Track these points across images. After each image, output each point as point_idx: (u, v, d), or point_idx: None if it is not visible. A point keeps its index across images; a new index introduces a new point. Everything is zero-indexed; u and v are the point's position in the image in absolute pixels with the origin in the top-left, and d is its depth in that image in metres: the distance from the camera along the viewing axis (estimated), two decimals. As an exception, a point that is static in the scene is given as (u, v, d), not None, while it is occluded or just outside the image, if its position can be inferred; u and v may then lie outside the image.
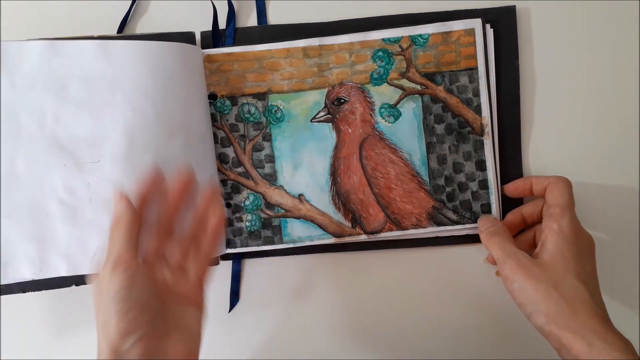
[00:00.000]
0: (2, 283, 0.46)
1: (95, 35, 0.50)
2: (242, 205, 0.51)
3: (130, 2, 0.52)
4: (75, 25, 0.52)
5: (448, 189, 0.52)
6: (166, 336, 0.39)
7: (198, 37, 0.52)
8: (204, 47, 0.52)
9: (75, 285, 0.49)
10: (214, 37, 0.52)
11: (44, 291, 0.50)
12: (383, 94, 0.51)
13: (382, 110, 0.51)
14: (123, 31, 0.52)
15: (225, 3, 0.52)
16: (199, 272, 0.43)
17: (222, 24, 0.52)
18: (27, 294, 0.50)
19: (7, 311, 0.53)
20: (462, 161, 0.52)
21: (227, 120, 0.51)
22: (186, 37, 0.51)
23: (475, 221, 0.51)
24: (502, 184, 0.52)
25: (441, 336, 0.53)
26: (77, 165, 0.45)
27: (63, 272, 0.46)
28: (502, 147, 0.52)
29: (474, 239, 0.52)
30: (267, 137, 0.51)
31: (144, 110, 0.46)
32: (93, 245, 0.46)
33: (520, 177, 0.52)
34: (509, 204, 0.52)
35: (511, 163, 0.52)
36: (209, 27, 0.52)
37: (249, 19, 0.53)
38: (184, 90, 0.47)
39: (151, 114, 0.46)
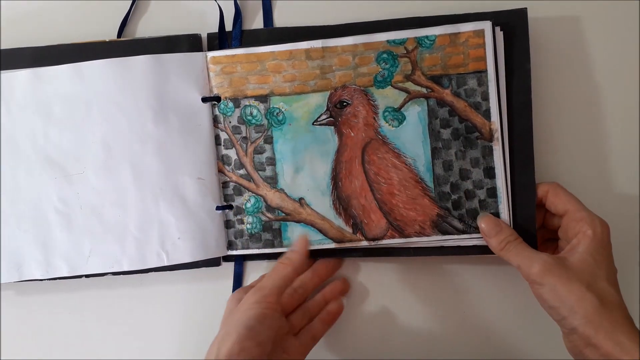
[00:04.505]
0: (18, 281, 0.51)
1: (105, 39, 0.51)
2: (244, 207, 0.51)
3: (130, 3, 0.53)
4: (76, 25, 0.53)
5: (454, 197, 0.49)
6: None
7: (205, 39, 0.52)
8: (211, 48, 0.52)
9: (86, 277, 0.52)
10: (220, 39, 0.52)
11: (44, 293, 0.54)
12: (387, 97, 0.50)
13: (386, 113, 0.50)
14: (123, 32, 0.53)
15: (232, 4, 0.52)
16: (305, 343, 0.49)
17: (229, 27, 0.52)
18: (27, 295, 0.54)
19: (7, 311, 0.54)
20: (469, 168, 0.49)
21: (230, 122, 0.51)
22: (192, 39, 0.51)
23: (483, 231, 0.49)
24: (512, 193, 0.49)
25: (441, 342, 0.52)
26: (66, 177, 0.50)
27: (65, 272, 0.51)
28: (513, 154, 0.49)
29: (482, 250, 0.50)
30: (269, 140, 0.51)
31: (117, 122, 0.50)
32: (87, 248, 0.51)
33: (533, 185, 0.49)
34: (520, 213, 0.49)
35: (523, 171, 0.49)
36: (216, 28, 0.52)
37: (255, 21, 0.53)
38: (155, 99, 0.50)
39: (124, 125, 0.50)
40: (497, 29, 0.48)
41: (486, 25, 0.48)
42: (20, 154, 0.50)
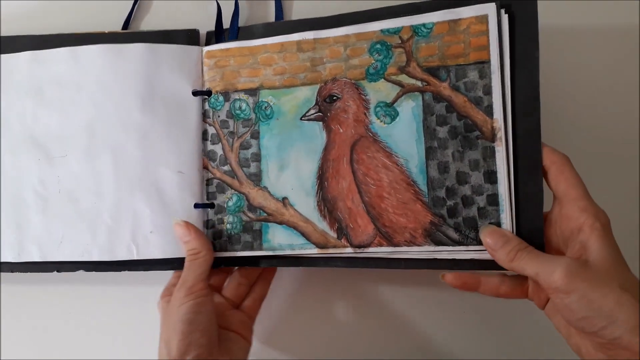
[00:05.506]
0: None
1: (105, 31, 0.51)
2: (225, 206, 0.48)
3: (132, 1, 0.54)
4: (79, 23, 0.54)
5: (449, 203, 0.44)
6: (217, 358, 0.43)
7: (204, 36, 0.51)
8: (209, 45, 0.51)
9: (57, 272, 0.49)
10: (217, 35, 0.51)
11: (43, 290, 0.54)
12: (379, 91, 0.46)
13: (378, 109, 0.46)
14: (128, 28, 0.54)
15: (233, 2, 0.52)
16: (249, 311, 0.49)
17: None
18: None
19: (7, 309, 0.54)
20: (467, 171, 0.43)
21: (219, 116, 0.49)
22: (189, 34, 0.51)
23: (481, 243, 0.42)
24: (517, 200, 0.42)
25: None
26: (48, 160, 0.50)
27: (36, 257, 0.49)
28: (517, 157, 0.42)
29: (480, 264, 0.43)
30: (255, 135, 0.48)
31: (104, 107, 0.49)
32: (59, 234, 0.49)
33: (540, 193, 0.42)
34: (524, 224, 0.42)
35: (528, 176, 0.42)
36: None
37: (266, 18, 0.53)
38: (145, 87, 0.49)
39: (111, 111, 0.49)
40: (502, 11, 0.43)
41: (490, 10, 0.43)
42: (9, 134, 0.50)
